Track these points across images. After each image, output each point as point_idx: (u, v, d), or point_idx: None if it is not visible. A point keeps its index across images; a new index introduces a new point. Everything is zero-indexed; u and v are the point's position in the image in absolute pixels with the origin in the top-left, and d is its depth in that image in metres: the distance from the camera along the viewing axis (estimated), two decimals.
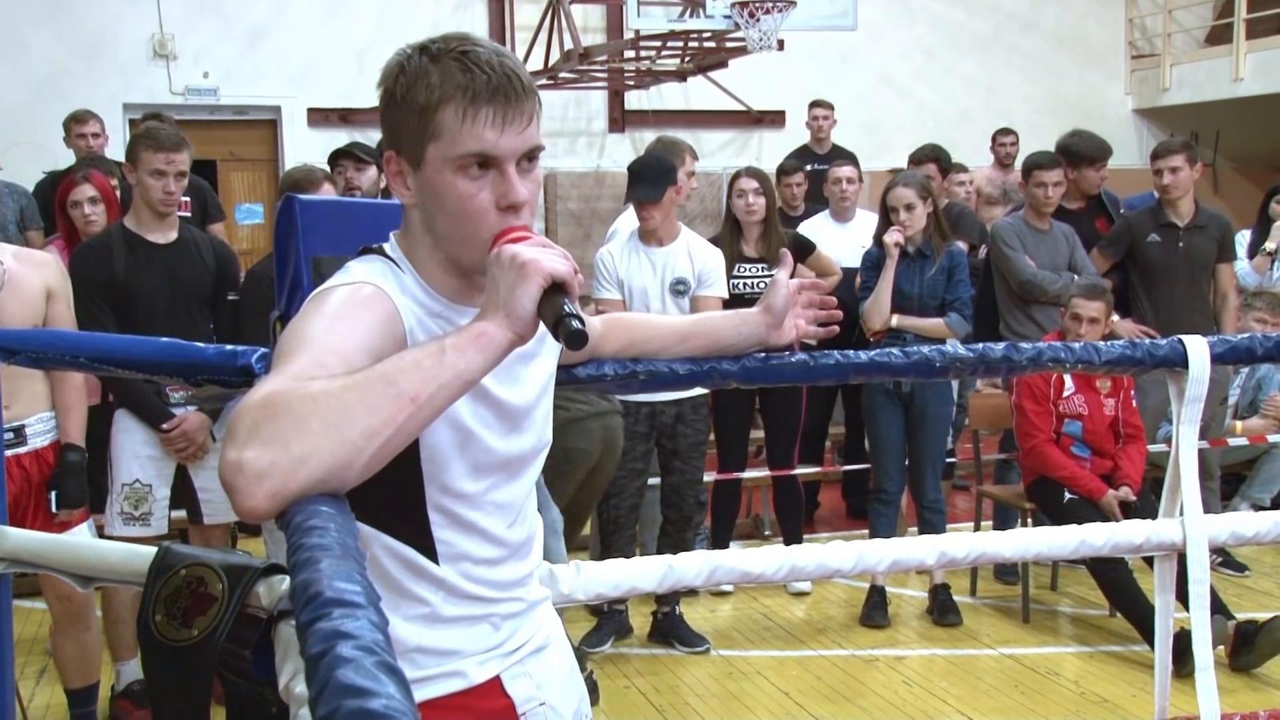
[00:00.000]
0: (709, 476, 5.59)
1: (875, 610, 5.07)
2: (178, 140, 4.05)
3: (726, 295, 4.84)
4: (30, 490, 3.55)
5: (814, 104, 8.28)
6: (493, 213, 1.46)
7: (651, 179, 4.69)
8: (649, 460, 4.85)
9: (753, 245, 5.28)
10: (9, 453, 3.47)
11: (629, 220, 5.72)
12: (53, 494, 3.57)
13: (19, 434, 3.52)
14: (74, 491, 3.59)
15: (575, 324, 1.33)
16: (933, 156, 6.61)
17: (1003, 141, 8.40)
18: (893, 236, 4.98)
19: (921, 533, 4.85)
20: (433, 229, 1.51)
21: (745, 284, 5.27)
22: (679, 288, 4.67)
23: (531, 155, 1.49)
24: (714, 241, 5.52)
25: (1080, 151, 5.91)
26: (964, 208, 7.11)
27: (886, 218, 5.06)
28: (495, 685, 1.63)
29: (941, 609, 5.07)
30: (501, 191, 1.46)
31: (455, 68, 1.45)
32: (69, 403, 3.66)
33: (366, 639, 0.92)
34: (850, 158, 7.59)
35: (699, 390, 4.58)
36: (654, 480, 5.01)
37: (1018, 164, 8.32)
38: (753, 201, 5.22)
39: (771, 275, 5.12)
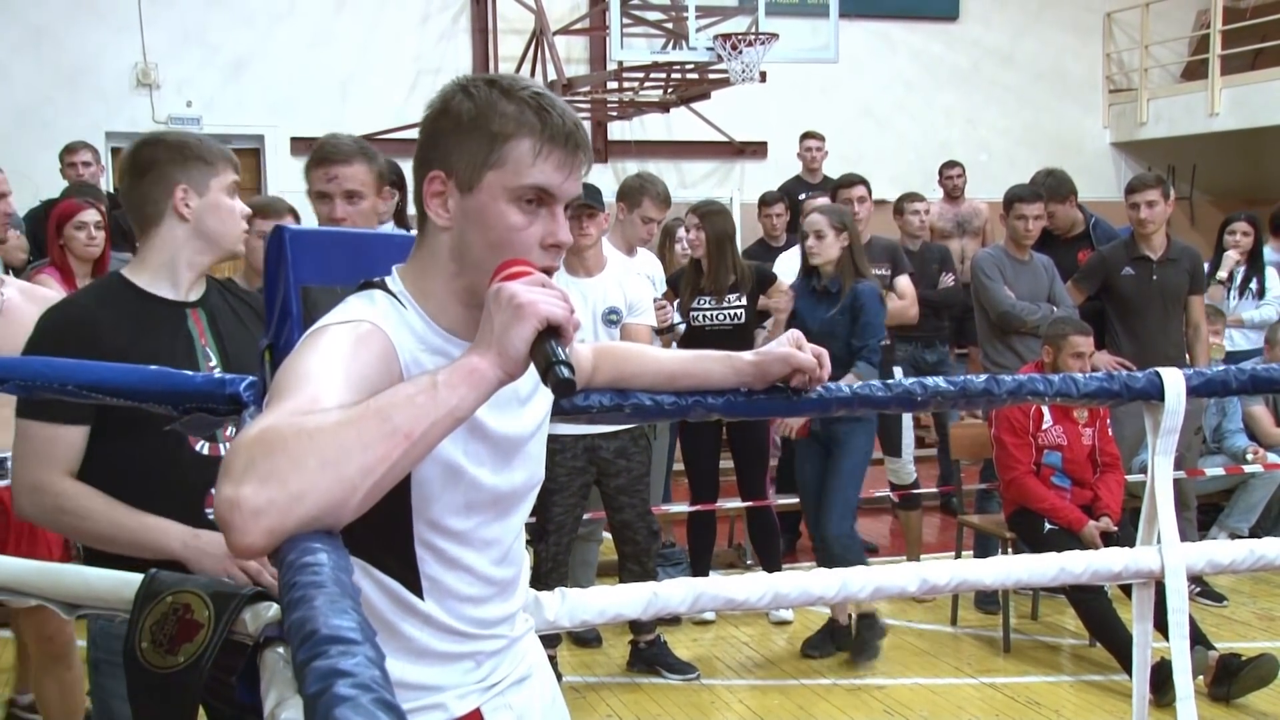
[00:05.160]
0: (682, 507, 5.62)
1: (826, 641, 5.02)
2: (348, 151, 3.09)
3: (655, 323, 4.90)
4: (9, 526, 3.45)
5: (806, 135, 8.34)
6: (537, 249, 1.49)
7: (590, 193, 4.70)
8: (587, 494, 4.78)
9: (707, 278, 5.34)
10: None
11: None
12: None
13: (0, 466, 3.38)
14: None
15: (564, 372, 1.34)
16: (859, 180, 6.07)
17: (949, 174, 8.45)
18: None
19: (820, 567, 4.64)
20: (463, 255, 1.52)
21: (704, 315, 5.35)
22: (611, 317, 4.67)
23: (570, 204, 1.54)
24: (678, 274, 5.59)
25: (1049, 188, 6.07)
26: (939, 249, 7.07)
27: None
28: (475, 718, 1.63)
29: (858, 647, 4.92)
30: (550, 229, 1.50)
31: (531, 108, 1.49)
32: None
33: (364, 676, 0.92)
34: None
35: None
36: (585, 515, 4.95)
37: (968, 193, 8.43)
38: (692, 237, 5.38)
39: (730, 308, 5.24)
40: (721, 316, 5.32)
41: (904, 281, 5.87)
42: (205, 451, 2.31)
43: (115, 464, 2.25)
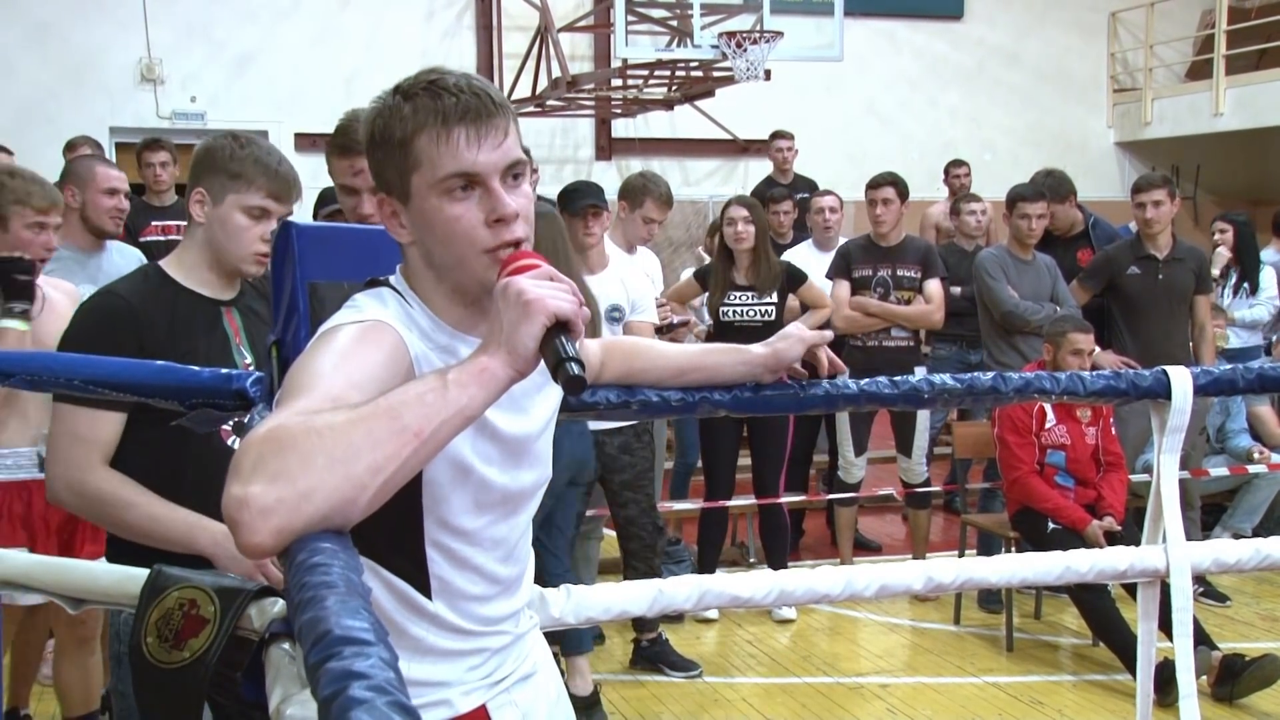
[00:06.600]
0: (694, 505, 5.61)
1: None
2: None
3: (658, 321, 4.87)
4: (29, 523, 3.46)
5: (776, 135, 8.33)
6: (482, 229, 1.47)
7: (596, 191, 4.67)
8: (592, 490, 4.75)
9: (743, 273, 5.32)
10: None
11: None
12: None
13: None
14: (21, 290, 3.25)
15: (574, 369, 1.32)
16: (888, 180, 5.93)
17: (955, 174, 8.39)
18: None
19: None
20: (432, 261, 1.52)
21: (735, 311, 5.31)
22: (614, 314, 4.66)
23: (516, 171, 1.50)
24: (706, 269, 5.55)
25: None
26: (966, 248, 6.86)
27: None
28: (481, 714, 1.63)
29: None
30: (490, 207, 1.47)
31: (425, 97, 1.47)
32: None
33: (379, 678, 0.91)
34: (812, 186, 7.64)
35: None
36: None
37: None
38: (741, 230, 5.28)
39: (763, 304, 5.22)
40: (753, 313, 5.30)
41: (933, 285, 5.75)
42: (237, 446, 2.29)
43: (148, 454, 2.25)
